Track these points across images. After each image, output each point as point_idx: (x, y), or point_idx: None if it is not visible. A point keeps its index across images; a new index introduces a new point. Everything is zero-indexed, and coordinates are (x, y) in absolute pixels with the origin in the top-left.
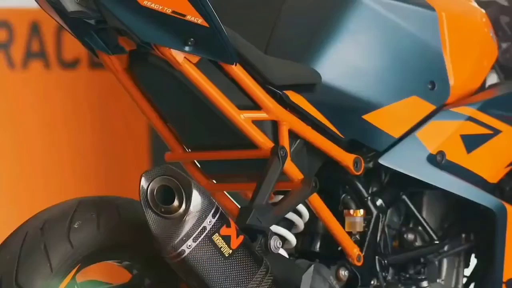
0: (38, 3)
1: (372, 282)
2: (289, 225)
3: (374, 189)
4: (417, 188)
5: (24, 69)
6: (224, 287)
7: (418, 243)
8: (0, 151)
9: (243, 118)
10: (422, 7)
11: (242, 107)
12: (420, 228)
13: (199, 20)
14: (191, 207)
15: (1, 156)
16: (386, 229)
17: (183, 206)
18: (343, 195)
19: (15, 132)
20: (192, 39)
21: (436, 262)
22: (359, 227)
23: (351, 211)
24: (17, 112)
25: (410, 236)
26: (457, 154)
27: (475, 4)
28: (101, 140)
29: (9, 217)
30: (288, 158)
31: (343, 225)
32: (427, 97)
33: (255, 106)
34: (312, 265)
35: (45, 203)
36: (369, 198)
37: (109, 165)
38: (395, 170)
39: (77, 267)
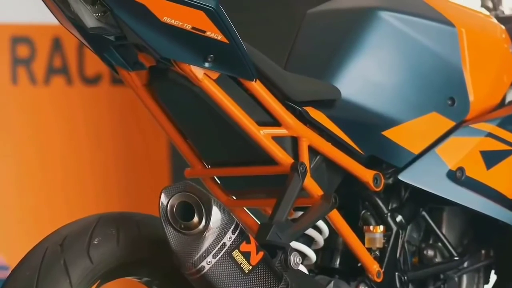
0: (57, 19)
1: None
2: (309, 241)
3: (394, 205)
4: (436, 204)
5: (46, 85)
6: None
7: (438, 259)
8: (22, 167)
9: (263, 134)
10: (442, 23)
11: (261, 123)
12: (439, 244)
13: (219, 36)
14: (211, 223)
15: (23, 172)
16: (405, 245)
17: (203, 222)
18: (363, 211)
19: (37, 148)
20: (211, 55)
21: (456, 279)
22: (379, 243)
23: (371, 227)
24: (39, 128)
25: (430, 252)
26: (477, 170)
27: (495, 20)
28: (121, 155)
29: (30, 232)
30: (308, 174)
31: (362, 241)
32: (447, 113)
33: (274, 122)
34: (332, 281)
35: (66, 217)
36: (388, 214)
37: (129, 181)
38: (415, 186)
39: (97, 283)
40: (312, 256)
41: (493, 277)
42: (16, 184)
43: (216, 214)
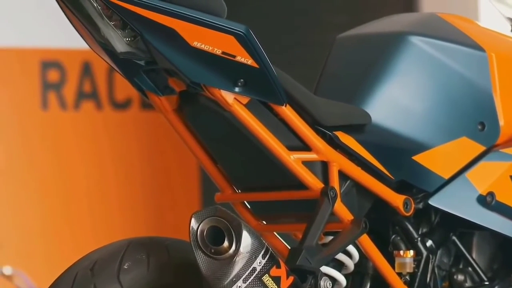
0: (88, 43)
1: None
2: (339, 266)
3: (424, 230)
4: (467, 228)
5: (76, 110)
6: None
7: (468, 284)
8: (49, 191)
9: (293, 159)
10: (471, 48)
11: (291, 148)
12: (470, 269)
13: (249, 61)
14: (241, 248)
15: (50, 196)
16: (436, 270)
17: (233, 247)
18: (393, 236)
19: (64, 173)
20: (242, 80)
21: None
22: (409, 268)
23: (401, 252)
24: (67, 153)
25: (460, 277)
26: (507, 195)
27: None
28: (150, 180)
29: (56, 257)
30: (338, 199)
31: (393, 266)
32: (477, 138)
33: (305, 147)
34: None
35: (92, 243)
36: (419, 239)
37: (159, 206)
38: (445, 211)
39: None
40: (342, 280)
41: None
42: (42, 207)
43: (246, 239)
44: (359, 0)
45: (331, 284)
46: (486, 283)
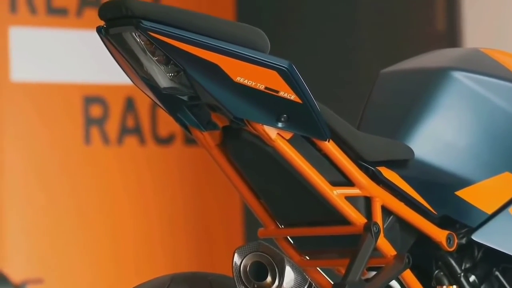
0: (130, 78)
1: None
2: None
3: (467, 265)
4: (510, 264)
5: (119, 145)
6: None
7: None
8: (92, 226)
9: (336, 194)
10: None
11: (334, 183)
12: None
13: (292, 96)
14: (284, 283)
15: (94, 231)
16: None
17: (276, 282)
18: (436, 271)
19: (107, 208)
20: (285, 115)
21: None
22: None
23: (444, 287)
24: (110, 188)
25: None
26: None
27: None
28: (193, 216)
29: None
30: (381, 234)
31: None
32: None
33: (348, 182)
34: None
35: (135, 278)
36: (462, 274)
37: (201, 241)
38: (488, 246)
39: None
40: None
41: None
42: (85, 242)
43: (289, 274)
44: (403, 37)
45: None
46: None
